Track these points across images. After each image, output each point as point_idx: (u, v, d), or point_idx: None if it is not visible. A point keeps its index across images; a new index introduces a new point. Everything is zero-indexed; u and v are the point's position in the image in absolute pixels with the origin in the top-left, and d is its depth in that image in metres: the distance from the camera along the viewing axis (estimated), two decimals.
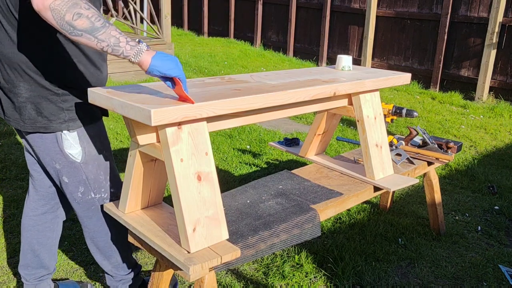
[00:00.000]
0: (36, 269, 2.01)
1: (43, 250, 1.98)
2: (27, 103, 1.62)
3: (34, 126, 1.65)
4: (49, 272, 2.05)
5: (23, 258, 1.99)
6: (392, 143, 2.56)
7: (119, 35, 1.34)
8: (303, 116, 5.28)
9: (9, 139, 4.13)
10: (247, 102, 1.54)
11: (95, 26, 1.31)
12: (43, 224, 1.96)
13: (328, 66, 2.40)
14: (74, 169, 1.73)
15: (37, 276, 2.02)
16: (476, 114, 5.57)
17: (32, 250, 1.97)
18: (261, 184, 2.07)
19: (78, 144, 1.70)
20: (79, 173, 1.74)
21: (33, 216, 1.95)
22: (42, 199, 1.94)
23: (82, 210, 1.82)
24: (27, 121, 1.64)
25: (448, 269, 2.47)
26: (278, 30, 9.25)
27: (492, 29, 5.99)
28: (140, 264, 2.12)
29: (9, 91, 1.64)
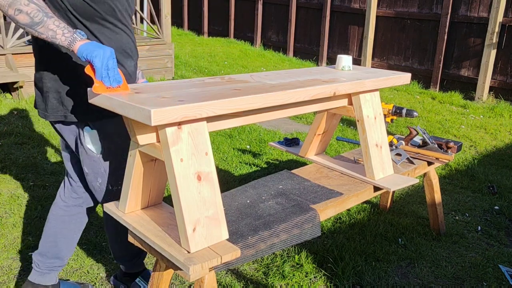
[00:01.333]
0: (51, 258, 2.05)
1: (64, 241, 2.04)
2: (51, 92, 1.72)
3: (56, 115, 1.74)
4: (62, 265, 2.10)
5: (42, 246, 2.04)
6: (392, 143, 2.56)
7: (56, 27, 1.47)
8: (303, 116, 5.28)
9: (9, 139, 4.13)
10: (247, 102, 1.54)
11: (34, 21, 1.47)
12: (71, 216, 2.02)
13: (328, 66, 2.40)
14: (93, 162, 1.81)
15: (49, 266, 2.06)
16: (476, 114, 5.57)
17: (53, 239, 2.03)
18: (261, 184, 2.07)
19: (97, 140, 1.77)
20: (97, 166, 1.82)
21: (63, 207, 2.02)
22: (74, 192, 2.01)
23: (100, 197, 1.90)
24: (50, 110, 1.74)
25: (448, 269, 2.47)
26: (278, 30, 9.26)
27: (492, 29, 5.99)
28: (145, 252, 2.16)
29: (38, 81, 1.75)
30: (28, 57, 5.71)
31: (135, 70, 1.88)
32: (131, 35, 1.85)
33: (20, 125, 4.51)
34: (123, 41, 1.78)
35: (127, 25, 1.81)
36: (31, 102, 5.29)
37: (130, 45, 1.83)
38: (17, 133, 4.27)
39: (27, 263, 2.42)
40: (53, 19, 1.48)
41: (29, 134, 4.27)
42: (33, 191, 3.18)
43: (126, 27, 1.81)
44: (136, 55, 1.89)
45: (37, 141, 4.11)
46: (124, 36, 1.79)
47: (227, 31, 10.53)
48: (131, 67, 1.84)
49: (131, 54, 1.84)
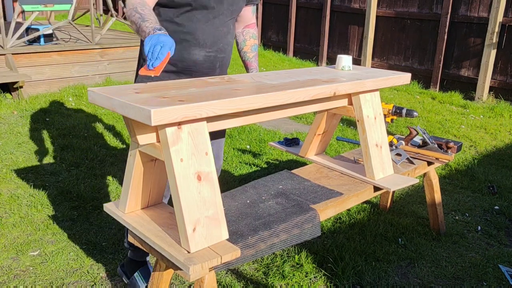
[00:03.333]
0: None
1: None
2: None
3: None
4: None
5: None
6: (392, 143, 2.56)
7: (145, 28, 1.71)
8: (303, 116, 5.28)
9: (9, 139, 4.14)
10: (247, 102, 1.54)
11: (136, 28, 1.79)
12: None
13: (328, 66, 2.40)
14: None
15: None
16: (476, 114, 5.57)
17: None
18: (261, 184, 2.07)
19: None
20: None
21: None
22: None
23: None
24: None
25: (448, 269, 2.47)
26: (278, 30, 9.26)
27: (492, 29, 5.99)
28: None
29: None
30: (28, 57, 5.71)
31: (204, 60, 2.06)
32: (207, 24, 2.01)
33: (20, 125, 4.51)
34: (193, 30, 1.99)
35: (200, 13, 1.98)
36: (31, 102, 5.29)
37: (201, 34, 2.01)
38: (17, 133, 4.27)
39: (27, 263, 2.42)
40: (145, 23, 1.72)
41: (29, 134, 4.27)
42: (33, 191, 3.18)
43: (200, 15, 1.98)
44: (214, 45, 2.06)
45: (37, 141, 4.11)
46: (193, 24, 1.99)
47: None
48: (196, 56, 2.03)
49: (199, 42, 2.01)
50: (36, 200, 3.06)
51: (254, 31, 2.35)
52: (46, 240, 2.63)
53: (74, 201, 3.06)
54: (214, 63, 2.09)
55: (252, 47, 2.35)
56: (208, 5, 1.98)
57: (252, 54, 2.36)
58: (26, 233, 2.70)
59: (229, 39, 2.14)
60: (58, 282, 2.28)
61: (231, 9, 2.08)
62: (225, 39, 2.11)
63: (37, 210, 2.94)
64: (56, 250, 2.53)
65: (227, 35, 2.11)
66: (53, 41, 6.21)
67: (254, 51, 2.36)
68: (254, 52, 2.37)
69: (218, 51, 2.09)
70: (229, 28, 2.11)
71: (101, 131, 4.46)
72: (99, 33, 6.50)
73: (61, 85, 5.96)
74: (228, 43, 2.13)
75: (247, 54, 2.35)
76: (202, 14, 1.99)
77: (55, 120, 4.73)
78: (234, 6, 2.09)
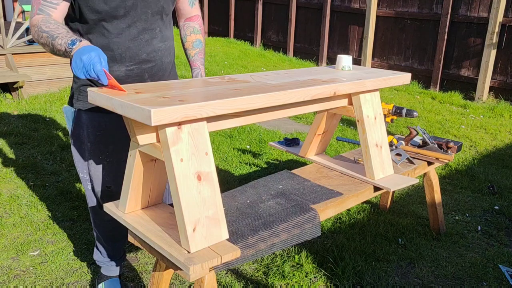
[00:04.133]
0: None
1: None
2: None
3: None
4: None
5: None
6: (392, 143, 2.56)
7: (59, 46, 1.60)
8: (303, 116, 5.28)
9: (9, 139, 4.13)
10: (247, 102, 1.53)
11: (51, 49, 1.65)
12: None
13: (328, 66, 2.40)
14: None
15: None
16: (476, 114, 5.57)
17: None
18: (261, 184, 2.07)
19: (71, 120, 1.93)
20: (71, 145, 2.00)
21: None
22: None
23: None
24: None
25: (448, 269, 2.47)
26: (278, 30, 9.25)
27: (492, 29, 5.99)
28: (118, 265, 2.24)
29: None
30: (28, 57, 5.71)
31: (127, 75, 1.85)
32: (121, 39, 1.79)
33: (20, 125, 4.51)
34: (105, 44, 1.79)
35: (112, 29, 1.77)
36: (31, 102, 5.29)
37: (115, 49, 1.80)
38: (17, 133, 4.27)
39: (27, 263, 2.42)
40: (57, 40, 1.59)
41: (29, 134, 4.27)
42: (33, 191, 3.18)
43: (112, 31, 1.78)
44: (135, 58, 1.84)
45: (37, 141, 4.11)
46: (108, 39, 1.79)
47: (227, 31, 10.53)
48: (116, 72, 1.82)
49: (118, 58, 1.81)
50: (36, 200, 3.06)
51: (195, 24, 2.07)
52: (46, 240, 2.63)
53: (74, 201, 3.06)
54: (141, 75, 1.88)
55: (194, 43, 2.07)
56: (117, 14, 1.74)
57: (194, 51, 2.08)
58: (26, 233, 2.69)
59: (156, 45, 1.88)
60: (58, 282, 2.28)
61: (150, 12, 1.81)
62: (150, 46, 1.86)
63: (37, 210, 2.94)
64: (56, 250, 2.53)
65: (152, 42, 1.86)
66: None
67: (196, 48, 2.08)
68: (196, 49, 2.08)
69: (142, 63, 1.86)
70: (154, 33, 1.86)
71: None
72: None
73: (61, 85, 5.95)
74: (155, 49, 1.88)
75: (188, 51, 2.09)
76: (112, 26, 1.76)
77: (55, 120, 4.73)
78: (153, 8, 1.82)
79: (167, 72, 2.01)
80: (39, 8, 1.68)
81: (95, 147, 1.92)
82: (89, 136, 1.91)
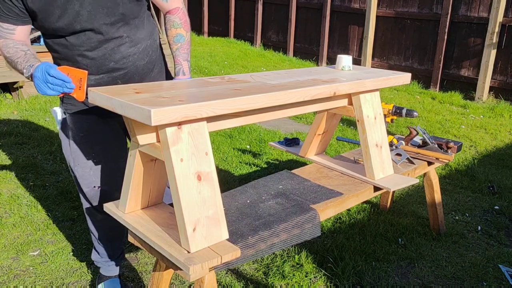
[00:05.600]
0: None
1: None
2: None
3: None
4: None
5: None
6: (392, 143, 2.56)
7: (22, 69, 1.70)
8: (303, 116, 5.28)
9: (9, 139, 4.13)
10: (247, 102, 1.53)
11: (19, 71, 1.72)
12: None
13: (328, 66, 2.40)
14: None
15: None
16: (476, 114, 5.57)
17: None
18: (261, 184, 2.07)
19: (60, 117, 1.98)
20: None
21: None
22: None
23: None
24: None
25: (448, 269, 2.47)
26: (278, 30, 9.25)
27: (492, 29, 5.99)
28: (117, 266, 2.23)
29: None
30: None
31: (98, 85, 1.84)
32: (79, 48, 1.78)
33: (20, 125, 4.51)
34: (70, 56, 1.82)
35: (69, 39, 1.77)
36: (31, 102, 5.29)
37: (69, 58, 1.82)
38: (17, 133, 4.27)
39: (27, 263, 2.42)
40: (17, 65, 1.69)
41: (29, 134, 4.27)
42: (33, 191, 3.18)
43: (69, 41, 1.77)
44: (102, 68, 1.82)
45: (37, 141, 4.11)
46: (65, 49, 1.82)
47: (227, 31, 10.53)
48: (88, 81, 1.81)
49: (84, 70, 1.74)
50: (36, 200, 3.06)
51: (175, 18, 1.93)
52: (46, 240, 2.63)
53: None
54: (114, 83, 1.85)
55: (174, 38, 1.94)
56: (76, 29, 1.71)
57: (176, 46, 1.95)
58: (26, 233, 2.69)
59: (125, 51, 1.82)
60: (58, 282, 2.28)
61: (109, 22, 1.74)
62: (117, 54, 1.81)
63: (37, 210, 2.94)
64: (56, 250, 2.53)
65: (119, 49, 1.81)
66: None
67: (177, 43, 1.95)
68: (177, 43, 1.95)
69: (111, 71, 1.82)
70: (120, 40, 1.80)
71: None
72: None
73: None
74: (125, 56, 1.83)
75: (170, 46, 1.97)
76: (74, 39, 1.73)
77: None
78: (111, 18, 1.74)
79: (148, 73, 1.96)
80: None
81: (81, 147, 1.95)
82: (74, 137, 1.95)
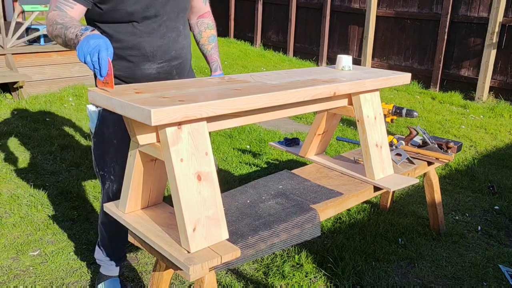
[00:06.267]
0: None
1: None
2: None
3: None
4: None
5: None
6: (392, 143, 2.56)
7: (71, 34, 1.59)
8: (303, 116, 5.28)
9: (9, 139, 4.13)
10: (247, 102, 1.53)
11: (64, 40, 1.63)
12: None
13: (328, 66, 2.40)
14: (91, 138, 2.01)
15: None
16: (476, 114, 5.57)
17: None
18: (261, 184, 2.07)
19: (95, 119, 1.95)
20: (92, 144, 2.01)
21: None
22: None
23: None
24: None
25: (448, 269, 2.47)
26: (278, 30, 9.25)
27: (492, 29, 5.99)
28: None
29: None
30: (28, 57, 5.71)
31: (158, 72, 1.94)
32: (157, 37, 1.87)
33: (20, 125, 4.51)
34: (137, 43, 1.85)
35: (146, 28, 1.84)
36: (31, 102, 5.29)
37: (147, 48, 1.87)
38: (17, 133, 4.27)
39: (27, 263, 2.42)
40: (69, 29, 1.59)
41: (29, 134, 4.27)
42: (33, 191, 3.18)
43: (146, 30, 1.85)
44: (165, 55, 1.92)
45: (37, 141, 4.11)
46: (142, 38, 1.85)
47: (227, 31, 10.53)
48: (148, 70, 1.90)
49: (150, 57, 1.88)
50: (36, 200, 3.06)
51: (208, 20, 2.20)
52: (46, 240, 2.63)
53: (74, 201, 3.06)
54: (170, 72, 1.97)
55: (209, 38, 2.22)
56: (150, 14, 1.81)
57: (210, 45, 2.23)
58: (26, 233, 2.69)
59: (181, 42, 1.98)
60: (58, 282, 2.28)
61: (176, 11, 1.91)
62: (177, 44, 1.95)
63: (37, 210, 2.94)
64: (56, 250, 2.53)
65: (178, 39, 1.96)
66: (53, 41, 6.21)
67: (212, 42, 2.23)
68: (212, 43, 2.23)
69: (171, 60, 1.95)
70: (179, 31, 1.95)
71: None
72: None
73: (61, 85, 5.95)
74: (181, 46, 1.99)
75: (204, 46, 2.23)
76: (144, 26, 1.83)
77: (55, 120, 4.73)
78: (180, 6, 1.92)
79: (189, 68, 2.09)
80: (56, 5, 1.74)
81: (121, 144, 1.93)
82: (115, 134, 1.93)
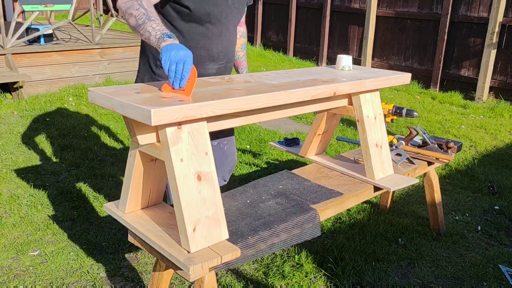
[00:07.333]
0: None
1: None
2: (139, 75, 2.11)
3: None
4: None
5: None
6: (392, 143, 2.56)
7: (152, 30, 1.58)
8: (303, 116, 5.28)
9: (9, 139, 4.14)
10: (247, 102, 1.54)
11: (137, 23, 1.61)
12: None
13: (328, 66, 2.40)
14: None
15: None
16: (476, 114, 5.57)
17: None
18: (261, 184, 2.07)
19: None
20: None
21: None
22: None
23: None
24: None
25: (448, 269, 2.47)
26: (278, 30, 9.25)
27: (492, 29, 5.99)
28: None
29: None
30: (28, 57, 5.71)
31: (216, 72, 2.09)
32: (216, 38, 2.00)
33: (20, 125, 4.51)
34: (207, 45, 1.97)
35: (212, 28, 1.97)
36: (31, 102, 5.29)
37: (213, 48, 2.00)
38: (17, 133, 4.27)
39: (27, 263, 2.42)
40: (151, 22, 1.59)
41: (29, 134, 4.27)
42: (33, 191, 3.18)
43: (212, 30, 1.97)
44: (225, 57, 2.08)
45: (37, 141, 4.11)
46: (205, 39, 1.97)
47: None
48: (210, 70, 2.03)
49: (213, 57, 2.02)
50: (36, 200, 3.06)
51: (243, 29, 2.35)
52: (46, 240, 2.63)
53: (74, 201, 3.06)
54: (224, 73, 2.14)
55: (242, 45, 2.35)
56: (221, 18, 1.98)
57: (242, 53, 2.36)
58: (26, 233, 2.69)
59: (234, 46, 2.16)
60: (58, 282, 2.28)
61: (238, 18, 2.10)
62: (233, 47, 2.13)
63: (37, 210, 2.94)
64: (56, 250, 2.53)
65: (234, 44, 2.14)
66: (53, 41, 6.21)
67: (244, 50, 2.37)
68: (244, 51, 2.37)
69: (227, 61, 2.12)
70: (235, 35, 2.14)
71: (101, 131, 4.46)
72: (99, 33, 6.51)
73: (61, 85, 5.96)
74: (234, 50, 2.17)
75: (237, 53, 2.35)
76: (215, 28, 1.99)
77: (55, 120, 4.73)
78: (241, 12, 2.11)
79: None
80: None
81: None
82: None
